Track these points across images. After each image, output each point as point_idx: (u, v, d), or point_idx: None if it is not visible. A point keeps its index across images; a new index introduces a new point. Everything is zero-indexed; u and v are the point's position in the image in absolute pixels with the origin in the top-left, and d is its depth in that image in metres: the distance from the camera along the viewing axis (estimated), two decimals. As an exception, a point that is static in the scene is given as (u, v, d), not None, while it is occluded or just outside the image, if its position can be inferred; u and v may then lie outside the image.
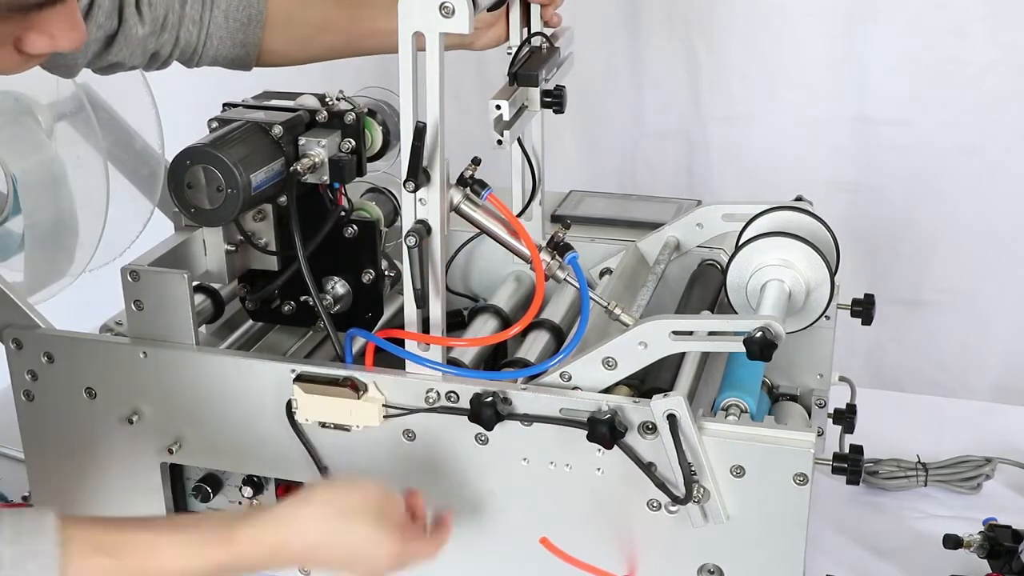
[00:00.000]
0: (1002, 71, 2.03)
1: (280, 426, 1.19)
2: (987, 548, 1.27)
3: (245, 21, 1.33)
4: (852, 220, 2.11)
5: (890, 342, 2.23)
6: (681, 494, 1.08)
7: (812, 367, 1.38)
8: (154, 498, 1.28)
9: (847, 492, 1.38)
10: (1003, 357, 2.20)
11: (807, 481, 1.07)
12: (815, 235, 1.26)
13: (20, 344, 1.26)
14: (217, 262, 1.31)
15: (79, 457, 1.29)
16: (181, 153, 1.18)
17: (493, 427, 1.12)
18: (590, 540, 1.16)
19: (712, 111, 2.20)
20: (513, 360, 1.23)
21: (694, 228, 1.39)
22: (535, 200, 1.43)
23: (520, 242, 1.18)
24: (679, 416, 1.07)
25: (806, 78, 2.12)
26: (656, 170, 2.27)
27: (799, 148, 2.16)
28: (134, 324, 1.24)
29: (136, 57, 1.28)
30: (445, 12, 1.04)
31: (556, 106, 1.30)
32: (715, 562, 1.13)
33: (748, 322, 1.08)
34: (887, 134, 2.12)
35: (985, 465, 1.43)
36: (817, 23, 2.09)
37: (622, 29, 2.20)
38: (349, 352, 1.20)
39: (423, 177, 1.09)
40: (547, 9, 1.35)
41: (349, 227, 1.29)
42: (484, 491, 1.17)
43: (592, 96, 2.22)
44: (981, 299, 2.18)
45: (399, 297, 1.27)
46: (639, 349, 1.11)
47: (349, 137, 1.25)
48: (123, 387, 1.24)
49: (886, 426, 1.49)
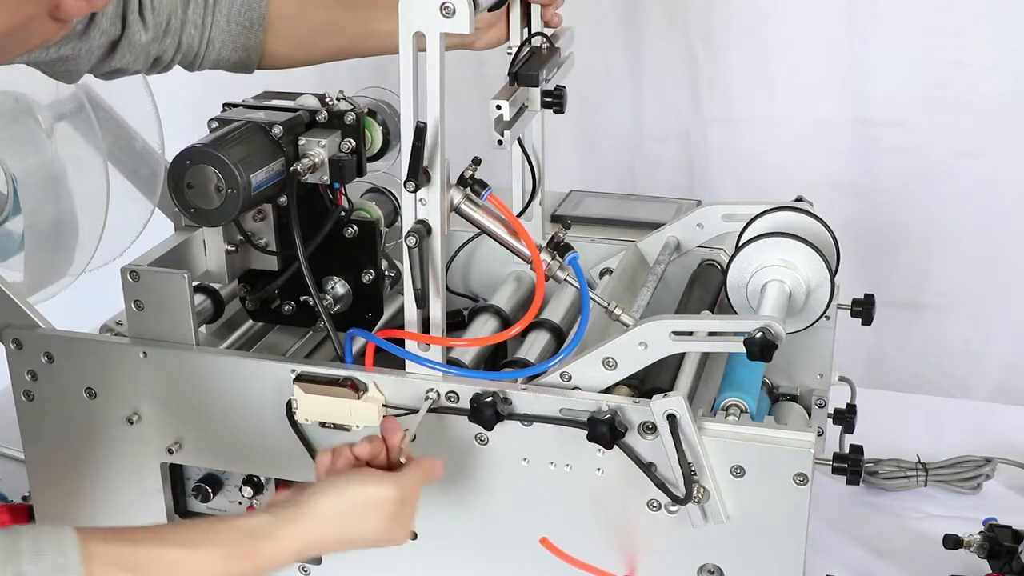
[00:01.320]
0: (1002, 73, 2.03)
1: (280, 426, 1.19)
2: (987, 548, 1.27)
3: (247, 25, 1.33)
4: (852, 221, 2.11)
5: (890, 342, 2.23)
6: (681, 494, 1.08)
7: (812, 367, 1.38)
8: (154, 498, 1.28)
9: (847, 492, 1.38)
10: (1003, 358, 2.20)
11: (807, 481, 1.07)
12: (815, 236, 1.26)
13: (20, 344, 1.26)
14: (217, 262, 1.31)
15: (79, 457, 1.29)
16: (181, 153, 1.18)
17: (493, 427, 1.12)
18: (590, 540, 1.16)
19: (712, 112, 2.20)
20: (513, 360, 1.23)
21: (694, 228, 1.39)
22: (535, 200, 1.43)
23: (520, 242, 1.18)
24: (679, 416, 1.07)
25: (806, 79, 2.12)
26: (656, 170, 2.27)
27: (799, 149, 2.16)
28: (134, 324, 1.24)
29: (139, 62, 1.28)
30: (446, 12, 1.04)
31: (556, 106, 1.30)
32: (715, 562, 1.13)
33: (748, 322, 1.08)
34: (887, 135, 2.12)
35: (985, 465, 1.43)
36: (817, 24, 2.09)
37: (622, 29, 2.20)
38: (349, 352, 1.20)
39: (423, 177, 1.09)
40: (547, 9, 1.35)
41: (349, 227, 1.29)
42: (484, 491, 1.17)
43: (592, 96, 2.22)
44: (981, 300, 2.18)
45: (399, 297, 1.27)
46: (639, 349, 1.11)
47: (349, 137, 1.25)
48: (123, 387, 1.24)
49: (886, 426, 1.50)
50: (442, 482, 1.16)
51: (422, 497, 1.06)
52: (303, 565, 1.25)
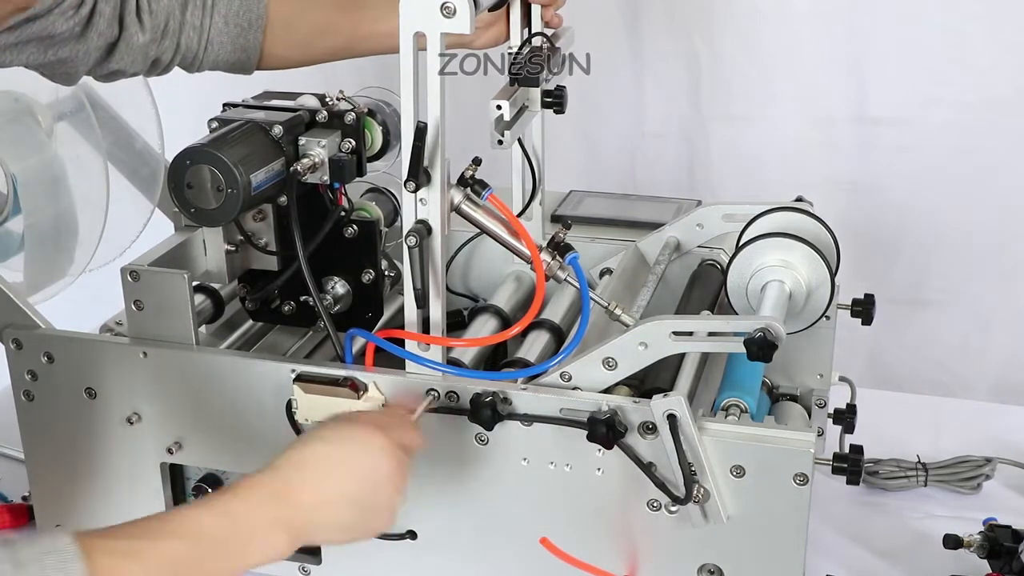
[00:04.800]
0: (1002, 71, 2.03)
1: (280, 426, 1.19)
2: (987, 548, 1.27)
3: (245, 26, 1.33)
4: (852, 220, 2.10)
5: (890, 342, 2.23)
6: (681, 494, 1.08)
7: (812, 367, 1.38)
8: (154, 498, 1.28)
9: (847, 492, 1.38)
10: (1003, 357, 2.20)
11: (807, 481, 1.07)
12: (815, 236, 1.26)
13: (20, 344, 1.26)
14: (217, 262, 1.31)
15: (79, 457, 1.29)
16: (181, 153, 1.18)
17: (493, 427, 1.12)
18: (590, 540, 1.16)
19: (712, 111, 2.20)
20: (513, 360, 1.23)
21: (694, 228, 1.39)
22: (535, 200, 1.43)
23: (520, 242, 1.18)
24: (679, 416, 1.07)
25: (806, 78, 2.12)
26: (656, 170, 2.27)
27: (799, 148, 2.16)
28: (134, 324, 1.24)
29: (137, 64, 1.28)
30: (446, 12, 1.04)
31: (557, 106, 1.30)
32: (715, 562, 1.13)
33: (748, 323, 1.08)
34: (887, 134, 2.12)
35: (985, 465, 1.43)
36: (817, 23, 2.09)
37: (622, 29, 2.20)
38: (349, 352, 1.20)
39: (424, 177, 1.09)
40: (548, 10, 1.35)
41: (349, 227, 1.29)
42: (484, 491, 1.17)
43: (592, 96, 2.22)
44: (981, 299, 2.18)
45: (399, 297, 1.27)
46: (639, 349, 1.11)
47: (349, 137, 1.25)
48: (123, 387, 1.24)
49: (886, 426, 1.49)
50: (442, 482, 1.16)
51: (422, 497, 1.06)
52: (303, 565, 1.25)
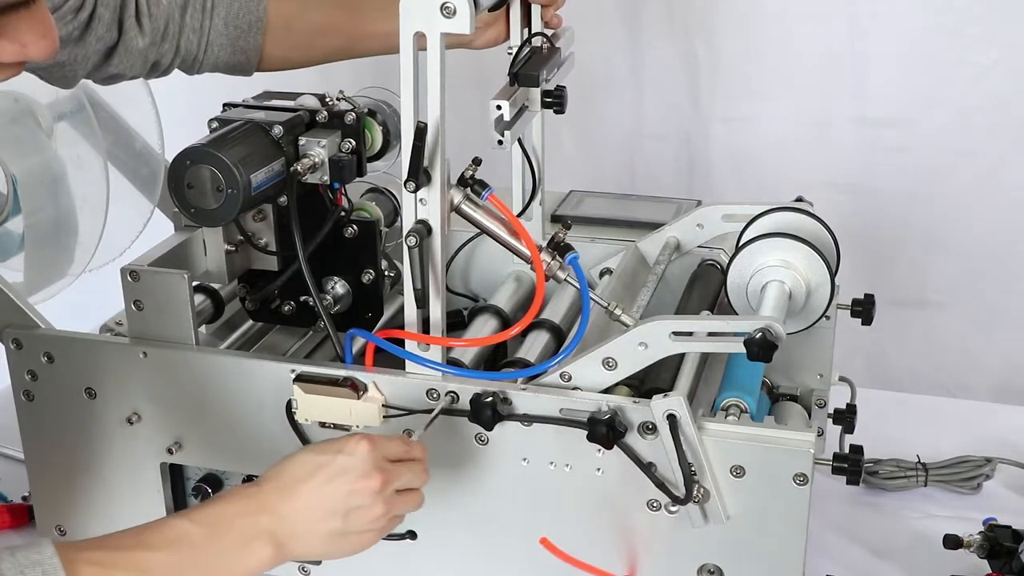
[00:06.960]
0: (1002, 72, 2.03)
1: (280, 426, 1.19)
2: (987, 548, 1.27)
3: (245, 28, 1.33)
4: (852, 221, 2.11)
5: (890, 342, 2.23)
6: (681, 494, 1.08)
7: (812, 367, 1.38)
8: (154, 498, 1.28)
9: (847, 492, 1.38)
10: (1003, 357, 2.20)
11: (807, 481, 1.07)
12: (815, 236, 1.26)
13: (20, 344, 1.26)
14: (217, 262, 1.31)
15: (79, 457, 1.29)
16: (181, 153, 1.18)
17: (493, 427, 1.12)
18: (590, 540, 1.16)
19: (712, 111, 2.20)
20: (513, 360, 1.23)
21: (694, 228, 1.39)
22: (535, 200, 1.43)
23: (520, 242, 1.18)
24: (679, 416, 1.07)
25: (806, 78, 2.13)
26: (656, 170, 2.27)
27: (799, 149, 2.16)
28: (134, 324, 1.24)
29: (136, 67, 1.28)
30: (446, 12, 1.04)
31: (557, 106, 1.30)
32: (715, 562, 1.13)
33: (749, 323, 1.08)
34: (887, 135, 2.12)
35: (985, 465, 1.43)
36: (817, 23, 2.09)
37: (622, 29, 2.20)
38: (349, 352, 1.20)
39: (424, 177, 1.09)
40: (547, 10, 1.35)
41: (349, 227, 1.29)
42: (484, 491, 1.17)
43: (592, 96, 2.22)
44: (981, 299, 2.18)
45: (399, 297, 1.27)
46: (639, 349, 1.11)
47: (349, 137, 1.25)
48: (123, 387, 1.24)
49: (886, 426, 1.49)
50: (442, 482, 1.16)
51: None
52: (303, 565, 1.25)
